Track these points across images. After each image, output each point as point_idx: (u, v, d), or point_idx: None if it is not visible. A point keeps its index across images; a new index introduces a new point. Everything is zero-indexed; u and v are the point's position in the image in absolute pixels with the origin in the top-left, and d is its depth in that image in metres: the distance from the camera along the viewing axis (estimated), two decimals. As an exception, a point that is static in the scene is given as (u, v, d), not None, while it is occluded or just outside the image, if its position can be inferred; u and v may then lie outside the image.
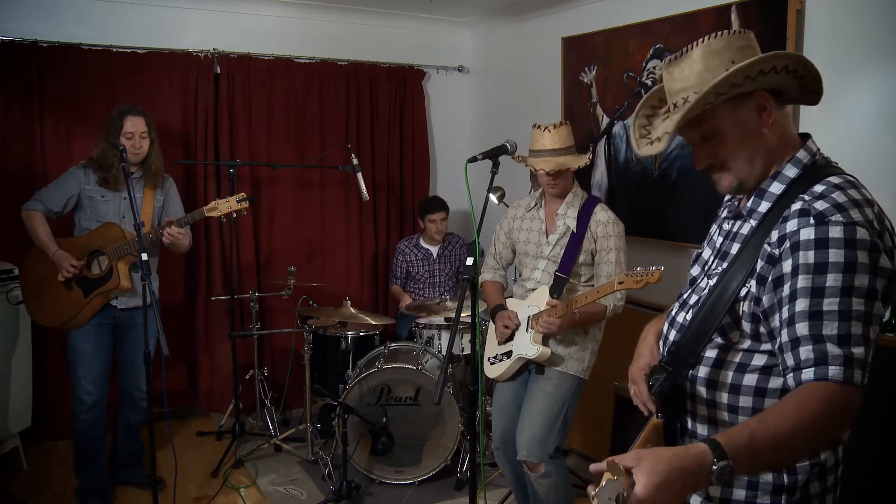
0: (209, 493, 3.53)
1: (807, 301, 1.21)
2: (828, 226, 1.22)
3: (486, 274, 3.12)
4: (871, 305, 1.20)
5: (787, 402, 1.20)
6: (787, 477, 1.33)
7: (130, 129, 3.25)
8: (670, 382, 1.38)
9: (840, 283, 1.20)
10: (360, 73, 4.78)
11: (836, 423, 1.20)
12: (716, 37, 1.33)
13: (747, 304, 1.32)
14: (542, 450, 2.76)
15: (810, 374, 1.19)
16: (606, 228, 2.80)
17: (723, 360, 1.37)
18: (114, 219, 3.29)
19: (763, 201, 1.36)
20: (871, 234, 1.22)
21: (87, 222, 3.30)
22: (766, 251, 1.30)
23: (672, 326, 1.50)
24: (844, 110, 2.68)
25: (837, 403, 1.17)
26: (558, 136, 2.78)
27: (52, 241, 3.25)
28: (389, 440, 3.50)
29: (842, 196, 1.25)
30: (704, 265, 1.50)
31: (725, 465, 1.10)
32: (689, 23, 3.29)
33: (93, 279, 3.25)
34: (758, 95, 1.32)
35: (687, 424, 1.44)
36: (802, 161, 1.35)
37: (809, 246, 1.23)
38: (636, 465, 1.08)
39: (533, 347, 2.79)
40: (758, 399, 1.33)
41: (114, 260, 3.21)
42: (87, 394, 3.26)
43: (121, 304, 3.33)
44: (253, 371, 4.31)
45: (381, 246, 5.01)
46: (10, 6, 3.91)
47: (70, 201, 3.29)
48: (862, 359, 1.19)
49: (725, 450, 1.11)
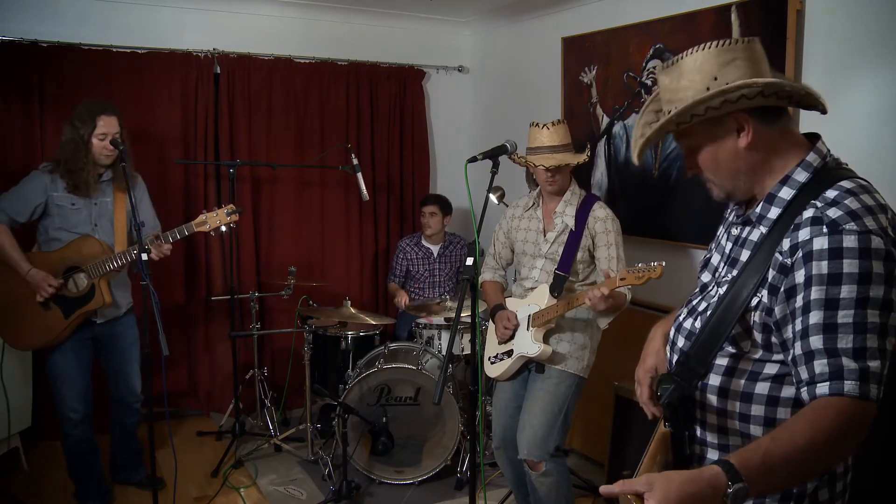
0: (209, 493, 3.53)
1: (821, 313, 1.19)
2: (841, 235, 1.19)
3: (486, 274, 3.12)
4: (886, 317, 1.18)
5: (801, 419, 1.17)
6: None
7: (104, 130, 3.04)
8: (679, 393, 1.35)
9: (855, 294, 1.17)
10: (360, 73, 4.78)
11: (851, 438, 1.17)
12: (705, 48, 1.30)
13: (758, 314, 1.29)
14: (543, 449, 2.76)
15: (825, 388, 1.17)
16: (605, 224, 2.81)
17: (734, 368, 1.35)
18: (86, 227, 3.10)
19: (773, 207, 1.32)
20: (885, 243, 1.19)
21: (56, 232, 3.10)
22: (778, 260, 1.26)
23: (680, 332, 1.47)
24: (844, 110, 2.68)
25: (853, 419, 1.15)
26: (556, 133, 2.79)
27: (22, 258, 3.04)
28: (389, 440, 3.50)
29: (855, 202, 1.22)
30: (714, 272, 1.47)
31: (740, 487, 1.08)
32: (689, 23, 3.29)
33: (72, 298, 3.08)
34: (737, 116, 1.29)
35: (696, 433, 1.42)
36: (812, 164, 1.31)
37: (823, 256, 1.19)
38: (647, 489, 1.07)
39: (534, 346, 2.79)
40: (770, 408, 1.31)
41: (95, 278, 3.05)
42: (72, 411, 3.16)
43: (100, 318, 3.22)
44: (253, 371, 4.31)
45: (381, 246, 5.01)
46: (10, 6, 3.91)
47: (37, 210, 3.08)
48: (878, 372, 1.16)
49: (740, 471, 1.09)
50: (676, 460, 1.41)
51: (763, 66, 1.31)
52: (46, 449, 3.96)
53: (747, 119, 1.29)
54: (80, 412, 3.19)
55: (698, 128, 1.31)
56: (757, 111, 1.29)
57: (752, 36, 1.34)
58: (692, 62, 1.30)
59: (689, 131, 1.33)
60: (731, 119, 1.30)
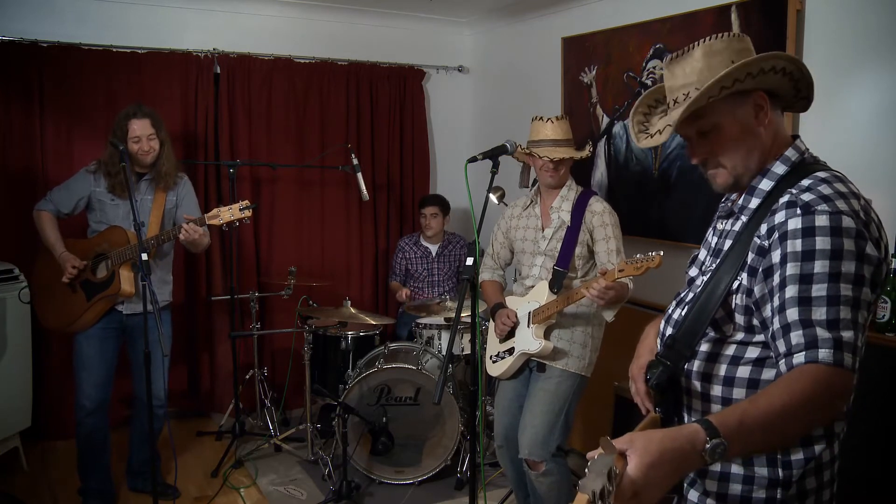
0: (209, 493, 3.53)
1: (796, 287, 1.24)
2: (814, 215, 1.25)
3: (485, 274, 3.12)
4: (858, 291, 1.23)
5: (778, 383, 1.22)
6: (781, 471, 1.34)
7: (137, 133, 3.18)
8: (667, 375, 1.39)
9: (827, 269, 1.23)
10: (360, 73, 4.78)
11: (826, 404, 1.21)
12: (716, 38, 1.37)
13: (740, 296, 1.35)
14: (545, 448, 2.77)
15: (801, 357, 1.21)
16: (602, 218, 2.81)
17: (717, 353, 1.40)
18: (123, 222, 3.21)
19: (753, 198, 1.40)
20: (856, 223, 1.25)
21: (96, 225, 3.28)
22: (756, 243, 1.33)
23: (668, 323, 1.52)
24: (844, 110, 2.68)
25: (827, 384, 1.19)
26: (559, 127, 2.82)
27: (59, 242, 3.23)
28: (389, 440, 3.50)
29: (828, 188, 1.29)
30: (701, 265, 1.53)
31: (718, 442, 1.12)
32: (689, 23, 3.29)
33: (96, 283, 3.21)
34: (756, 95, 1.36)
35: (684, 418, 1.45)
36: (791, 158, 1.39)
37: (797, 235, 1.26)
38: (629, 447, 1.10)
39: (535, 342, 2.79)
40: (751, 391, 1.35)
41: (116, 265, 3.16)
42: (87, 398, 3.22)
43: (126, 309, 3.27)
44: (253, 371, 4.32)
45: (380, 246, 5.01)
46: (10, 6, 3.91)
47: (80, 203, 3.27)
48: (851, 342, 1.21)
49: (718, 428, 1.13)
50: None
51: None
52: (46, 449, 3.96)
53: (765, 98, 1.37)
54: (94, 400, 3.23)
55: (719, 105, 1.36)
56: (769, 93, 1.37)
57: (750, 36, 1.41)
58: (707, 48, 1.37)
59: (707, 110, 1.37)
60: (749, 98, 1.36)
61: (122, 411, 3.90)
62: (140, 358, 3.20)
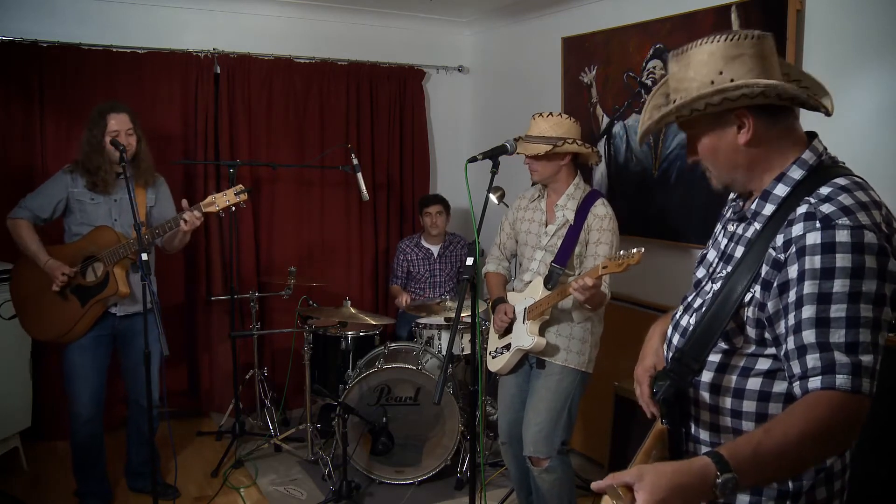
0: (209, 493, 3.53)
1: (813, 308, 1.18)
2: (834, 230, 1.19)
3: (490, 265, 3.12)
4: (879, 311, 1.18)
5: (794, 411, 1.17)
6: (791, 483, 1.31)
7: (115, 128, 3.09)
8: (674, 389, 1.35)
9: (847, 288, 1.17)
10: (360, 73, 4.78)
11: (843, 432, 1.17)
12: (713, 41, 1.30)
13: (752, 309, 1.30)
14: (549, 445, 2.77)
15: (817, 382, 1.17)
16: (602, 223, 2.81)
17: (727, 364, 1.35)
18: (106, 222, 3.15)
19: (767, 204, 1.33)
20: (878, 238, 1.18)
21: (77, 227, 3.17)
22: (772, 256, 1.26)
23: (676, 330, 1.48)
24: (844, 110, 2.67)
25: (845, 412, 1.15)
26: (548, 123, 2.79)
27: (42, 250, 3.12)
28: (389, 440, 3.50)
29: (848, 198, 1.22)
30: (709, 267, 1.48)
31: (729, 478, 1.09)
32: (689, 23, 3.29)
33: (89, 287, 3.12)
34: (738, 113, 1.30)
35: (691, 430, 1.42)
36: (808, 162, 1.32)
37: (816, 251, 1.19)
38: (637, 483, 1.07)
39: (528, 338, 2.79)
40: (762, 404, 1.31)
41: (109, 265, 3.09)
42: (83, 408, 3.17)
43: (120, 311, 3.22)
44: (253, 371, 4.32)
45: (381, 246, 5.01)
46: (10, 6, 3.91)
47: (58, 207, 3.16)
48: (870, 367, 1.16)
49: (729, 462, 1.10)
50: (673, 457, 1.41)
51: (771, 63, 1.31)
52: (46, 449, 3.96)
53: (748, 116, 1.30)
54: (90, 410, 3.19)
55: (700, 119, 1.33)
56: (760, 108, 1.29)
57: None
58: (699, 54, 1.31)
59: (691, 121, 1.34)
60: (731, 116, 1.31)
61: (122, 411, 3.89)
62: (134, 360, 3.24)
